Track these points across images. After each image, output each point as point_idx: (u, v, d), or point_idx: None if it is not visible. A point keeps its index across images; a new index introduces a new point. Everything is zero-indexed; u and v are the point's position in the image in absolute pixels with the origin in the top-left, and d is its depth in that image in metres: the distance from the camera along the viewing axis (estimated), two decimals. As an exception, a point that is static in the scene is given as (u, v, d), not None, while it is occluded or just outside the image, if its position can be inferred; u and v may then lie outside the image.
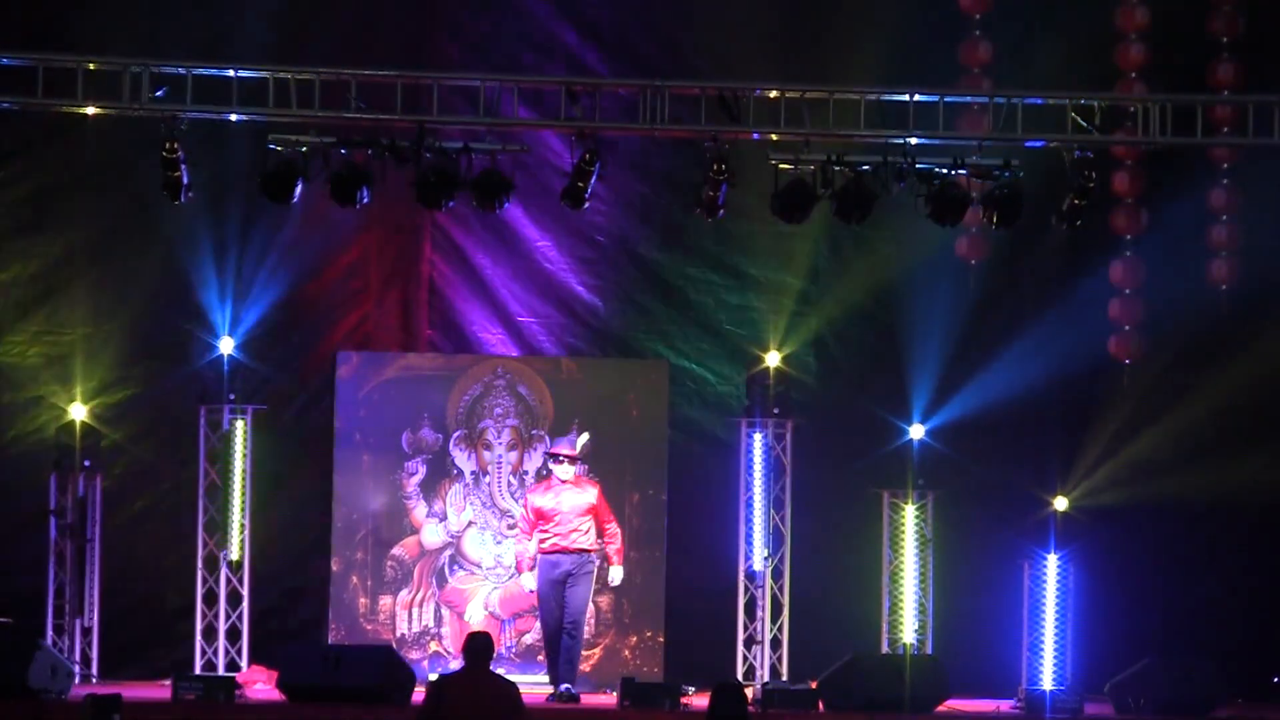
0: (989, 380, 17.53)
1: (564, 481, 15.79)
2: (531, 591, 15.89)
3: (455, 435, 17.28)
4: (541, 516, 15.75)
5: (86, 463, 16.79)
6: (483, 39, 17.63)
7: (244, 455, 16.96)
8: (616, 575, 15.93)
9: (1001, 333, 17.67)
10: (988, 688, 16.57)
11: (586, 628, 17.08)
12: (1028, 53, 17.48)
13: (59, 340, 17.34)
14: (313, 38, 17.13)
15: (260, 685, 16.23)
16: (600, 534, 15.85)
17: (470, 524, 17.27)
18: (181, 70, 15.28)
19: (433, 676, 16.05)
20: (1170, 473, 17.47)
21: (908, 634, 17.04)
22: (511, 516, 17.20)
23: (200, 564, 16.93)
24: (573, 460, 15.85)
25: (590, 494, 15.85)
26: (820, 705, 15.38)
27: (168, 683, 15.56)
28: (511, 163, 15.62)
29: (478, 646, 11.92)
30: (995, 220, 15.92)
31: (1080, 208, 15.90)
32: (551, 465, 15.96)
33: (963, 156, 15.77)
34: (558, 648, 15.73)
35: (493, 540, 17.22)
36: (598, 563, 15.91)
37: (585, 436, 16.15)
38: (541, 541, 15.74)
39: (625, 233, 17.92)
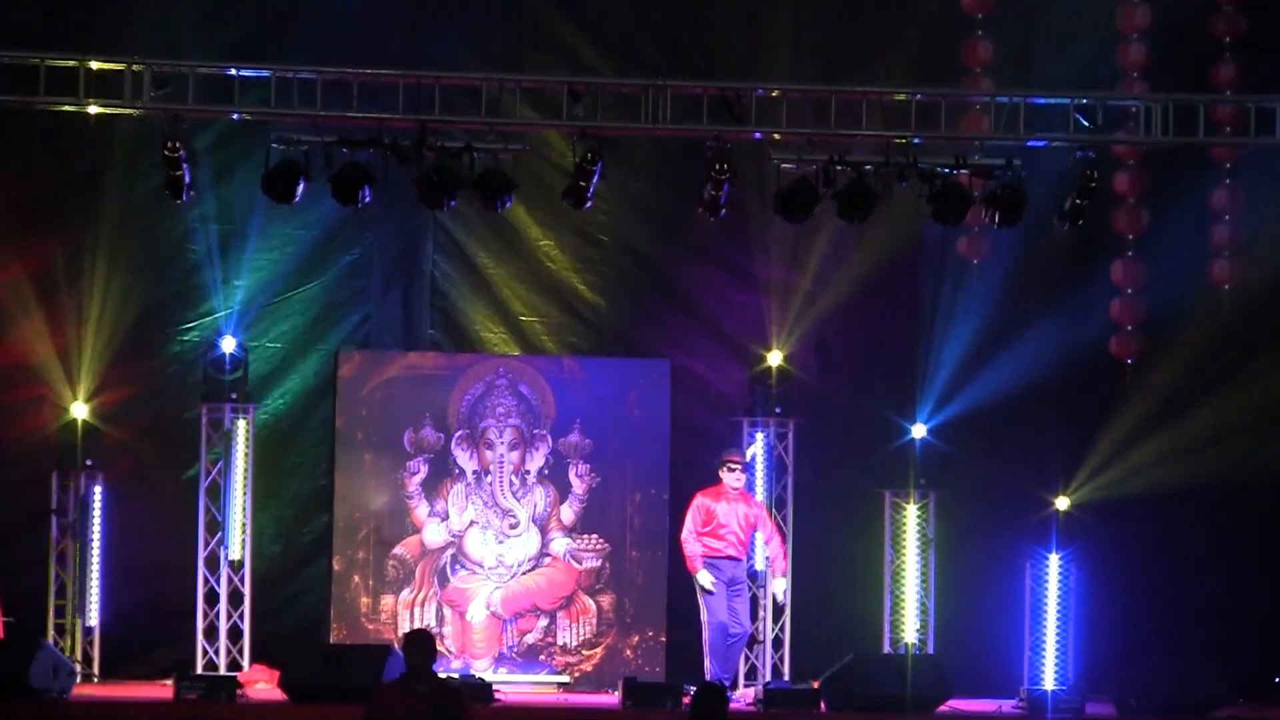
0: (991, 380, 17.53)
1: (735, 489, 16.02)
2: (704, 590, 15.95)
3: (457, 434, 17.28)
4: (712, 518, 15.98)
5: (88, 462, 16.78)
6: (484, 38, 17.61)
7: (245, 454, 16.96)
8: (780, 587, 16.31)
9: (1003, 332, 17.67)
10: (989, 688, 16.56)
11: (588, 627, 17.17)
12: (1030, 52, 17.48)
13: (61, 339, 17.32)
14: (315, 36, 17.13)
15: (262, 685, 16.23)
16: (765, 543, 16.28)
17: (472, 523, 17.26)
18: (183, 69, 15.28)
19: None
20: (1171, 473, 17.46)
21: (909, 634, 17.04)
22: (514, 516, 17.21)
23: (202, 563, 16.92)
24: (744, 468, 16.14)
25: (751, 505, 16.17)
26: (822, 705, 15.38)
27: (169, 682, 15.55)
28: (513, 162, 15.61)
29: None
30: (997, 220, 15.92)
31: (1082, 207, 15.90)
32: (724, 474, 16.08)
33: (965, 156, 15.77)
34: (723, 649, 15.91)
35: (494, 540, 17.22)
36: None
37: (753, 448, 16.44)
38: (708, 547, 15.97)
39: (627, 232, 17.91)
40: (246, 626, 16.90)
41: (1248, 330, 17.65)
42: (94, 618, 16.79)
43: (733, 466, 16.09)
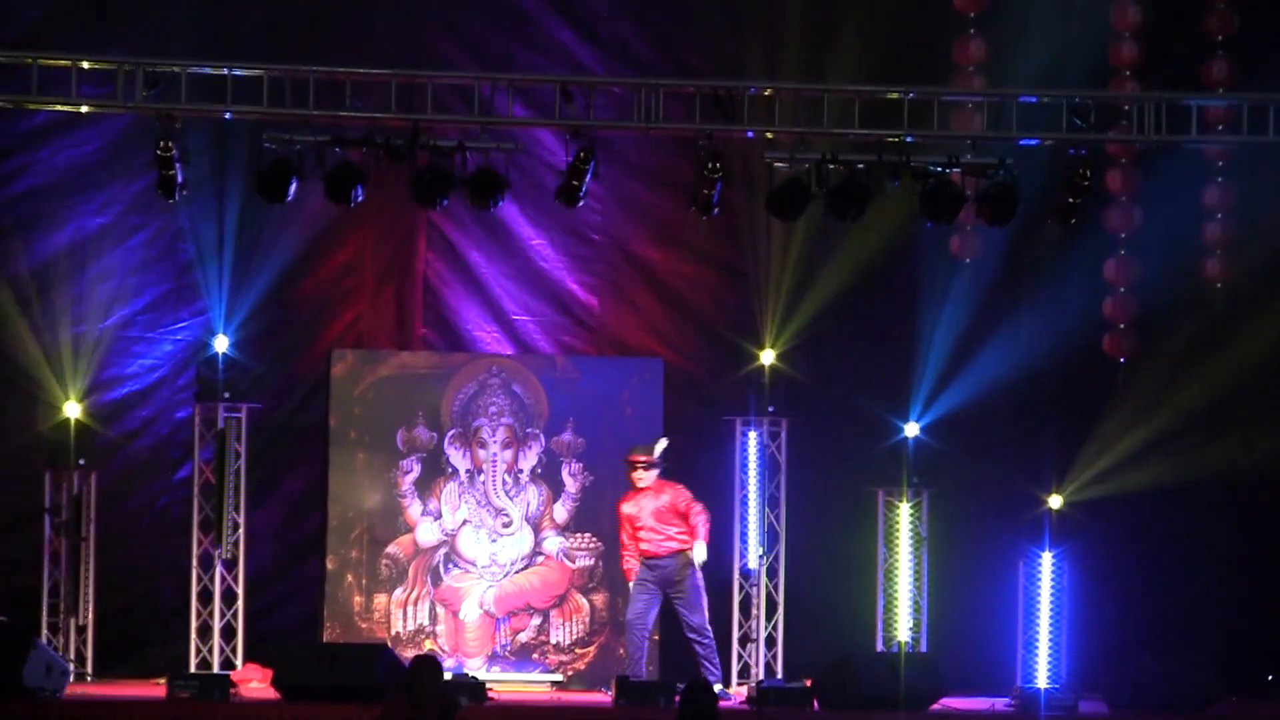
0: (983, 378, 17.54)
1: (643, 488, 15.85)
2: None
3: (450, 433, 17.28)
4: (629, 522, 15.85)
5: (81, 461, 16.76)
6: (477, 37, 17.62)
7: (238, 453, 16.95)
8: (699, 551, 15.74)
9: (996, 330, 17.68)
10: (982, 686, 16.56)
11: (581, 625, 17.16)
12: (1022, 50, 17.47)
13: (54, 337, 17.30)
14: (308, 36, 17.13)
15: (255, 684, 16.21)
16: (686, 521, 15.78)
17: (465, 522, 17.25)
18: (176, 68, 15.27)
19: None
20: (1164, 471, 17.47)
21: (902, 632, 17.03)
22: (506, 515, 17.21)
23: (195, 562, 16.90)
24: (647, 466, 15.88)
25: (666, 496, 15.86)
26: (815, 704, 15.37)
27: (162, 681, 15.54)
28: (506, 161, 15.62)
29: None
30: (989, 218, 15.94)
31: (1074, 206, 15.91)
32: (630, 474, 15.96)
33: (957, 154, 15.78)
34: (642, 646, 15.81)
35: (487, 538, 17.21)
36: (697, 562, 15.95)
37: (664, 441, 16.12)
38: (641, 550, 15.85)
39: (620, 230, 17.92)
40: (240, 625, 16.88)
41: (1240, 328, 17.66)
42: (87, 617, 16.77)
43: (634, 465, 15.93)
